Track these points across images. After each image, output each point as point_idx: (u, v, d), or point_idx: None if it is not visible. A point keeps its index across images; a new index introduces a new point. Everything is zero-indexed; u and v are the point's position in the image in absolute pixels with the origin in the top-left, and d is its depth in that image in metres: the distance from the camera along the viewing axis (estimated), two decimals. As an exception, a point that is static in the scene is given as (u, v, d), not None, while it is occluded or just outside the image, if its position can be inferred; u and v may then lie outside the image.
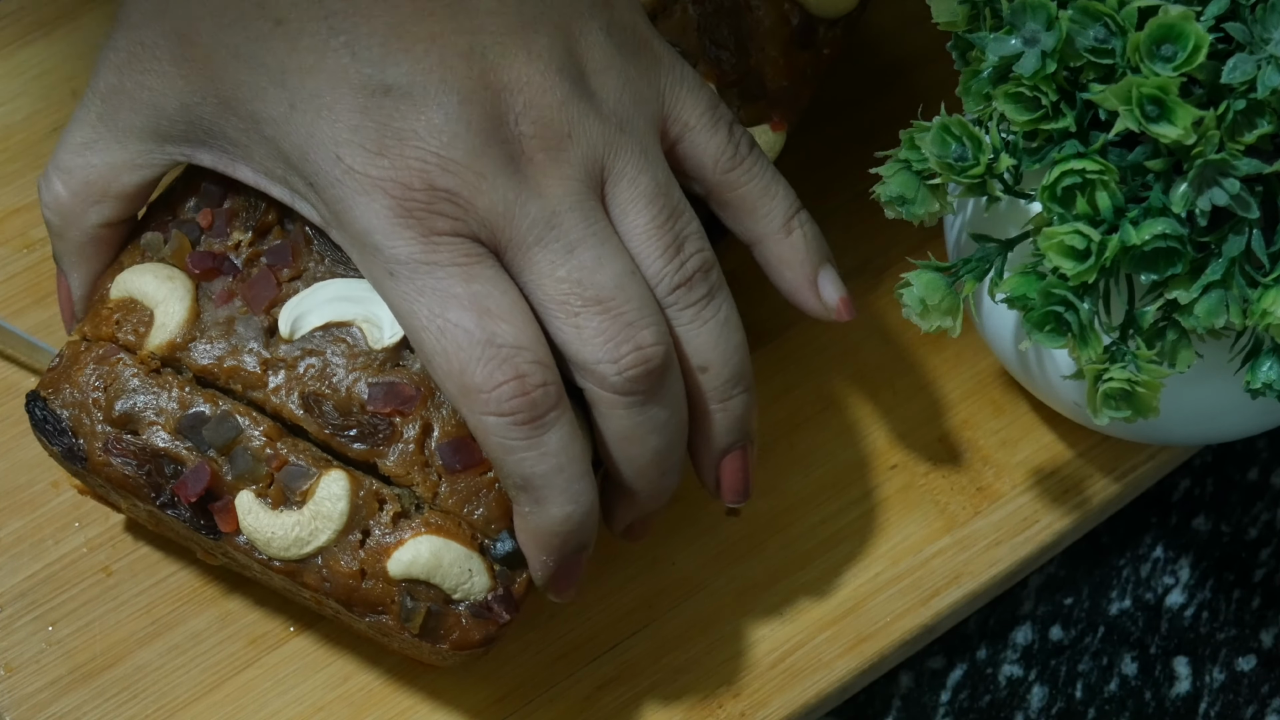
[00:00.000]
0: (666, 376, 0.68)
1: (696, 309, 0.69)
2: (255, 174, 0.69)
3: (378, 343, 0.70)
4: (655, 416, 0.68)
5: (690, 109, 0.71)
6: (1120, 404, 0.66)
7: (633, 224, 0.68)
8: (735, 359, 0.70)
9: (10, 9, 0.85)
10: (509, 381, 0.66)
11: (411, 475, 0.69)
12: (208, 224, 0.71)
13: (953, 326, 0.69)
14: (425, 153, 0.66)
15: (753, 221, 0.72)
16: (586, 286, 0.67)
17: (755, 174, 0.72)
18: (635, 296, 0.67)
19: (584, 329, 0.67)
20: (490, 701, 0.75)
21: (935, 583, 0.77)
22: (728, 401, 0.70)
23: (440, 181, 0.66)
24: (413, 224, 0.66)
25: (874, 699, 0.78)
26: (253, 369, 0.70)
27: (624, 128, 0.69)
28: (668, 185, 0.69)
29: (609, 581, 0.77)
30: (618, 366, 0.67)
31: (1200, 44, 0.63)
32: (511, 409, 0.66)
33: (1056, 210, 0.65)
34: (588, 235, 0.67)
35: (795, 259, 0.72)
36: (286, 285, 0.70)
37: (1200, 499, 0.82)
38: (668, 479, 0.70)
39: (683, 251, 0.69)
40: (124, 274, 0.71)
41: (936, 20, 0.68)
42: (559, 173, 0.67)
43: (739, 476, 0.72)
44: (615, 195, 0.68)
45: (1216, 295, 0.65)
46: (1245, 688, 0.79)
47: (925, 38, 0.80)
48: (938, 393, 0.81)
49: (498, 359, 0.66)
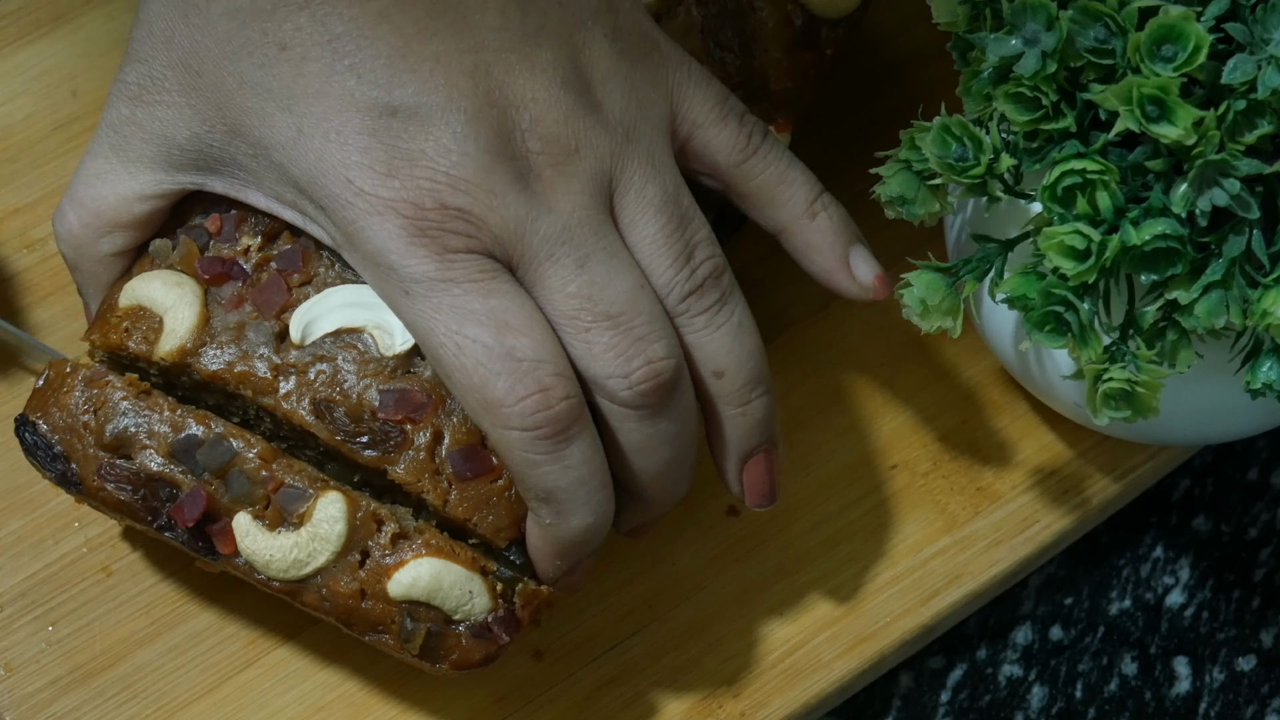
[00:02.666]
0: (677, 389, 0.68)
1: (709, 315, 0.69)
2: (267, 199, 0.69)
3: (389, 349, 0.69)
4: (666, 429, 0.68)
5: (699, 105, 0.71)
6: (1120, 404, 0.66)
7: (642, 234, 0.68)
8: (751, 362, 0.70)
9: (10, 9, 0.85)
10: (532, 395, 0.66)
11: (422, 482, 0.69)
12: (216, 229, 0.71)
13: (953, 327, 0.69)
14: (435, 172, 0.66)
15: (774, 210, 0.72)
16: (597, 302, 0.67)
17: (770, 162, 0.72)
18: (645, 310, 0.67)
19: (595, 344, 0.67)
20: (490, 701, 0.75)
21: (935, 583, 0.77)
22: (747, 405, 0.70)
23: (452, 200, 0.66)
24: (427, 243, 0.66)
25: (874, 699, 0.78)
26: (264, 375, 0.69)
27: (630, 137, 0.69)
28: (676, 192, 0.69)
29: (609, 581, 0.77)
30: (629, 381, 0.67)
31: (1201, 44, 0.63)
32: (535, 423, 0.66)
33: (1057, 210, 0.65)
34: (598, 250, 0.67)
35: (823, 243, 0.72)
36: (297, 290, 0.70)
37: (1200, 499, 0.82)
38: (679, 487, 0.70)
39: (693, 259, 0.69)
40: (132, 281, 0.71)
41: (936, 20, 0.68)
42: (568, 187, 0.67)
43: (764, 480, 0.72)
44: (623, 206, 0.68)
45: (1217, 295, 0.65)
46: (1245, 688, 0.79)
47: (925, 38, 0.80)
48: (938, 393, 0.81)
49: (519, 373, 0.66)
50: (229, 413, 0.72)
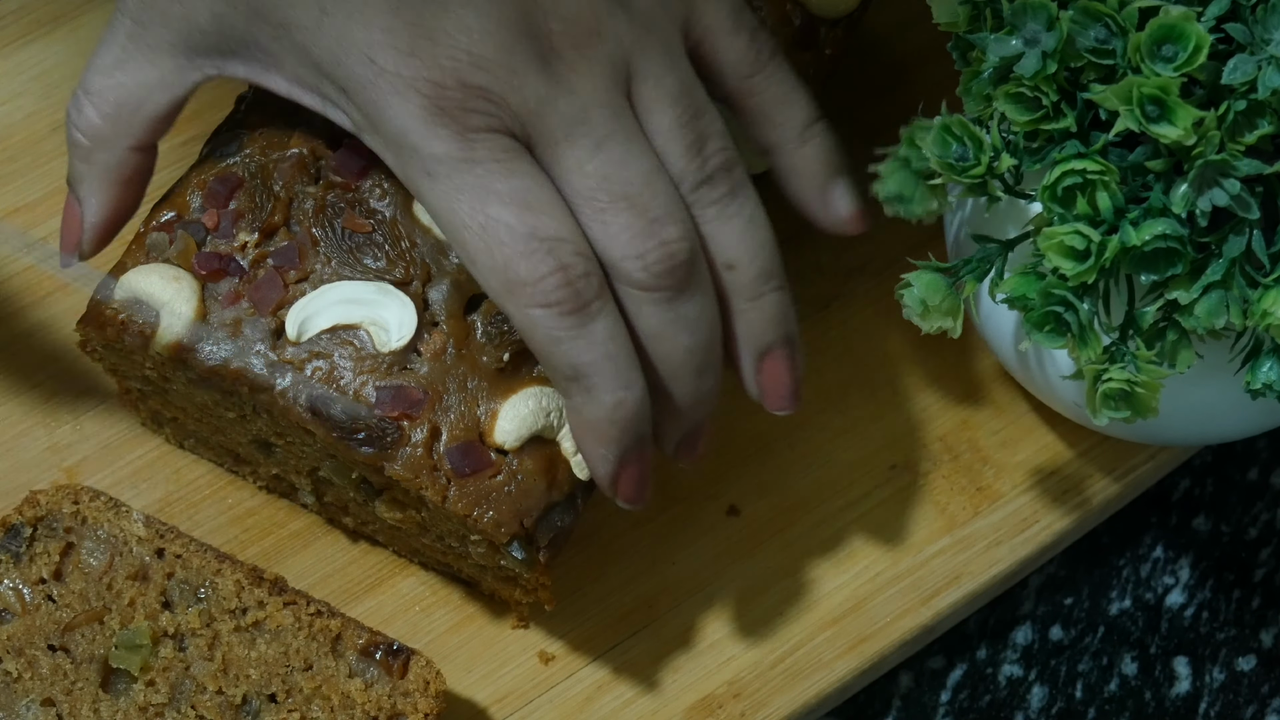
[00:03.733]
0: (693, 272, 0.68)
1: (720, 206, 0.69)
2: (288, 83, 0.69)
3: (384, 346, 0.70)
4: (685, 313, 0.68)
5: (713, 12, 0.71)
6: (1120, 404, 0.66)
7: (658, 123, 0.69)
8: (763, 255, 0.70)
9: (10, 9, 0.85)
10: (553, 273, 0.66)
11: (420, 479, 0.69)
12: (214, 225, 0.71)
13: (953, 327, 0.69)
14: (457, 50, 0.66)
15: (769, 129, 0.72)
16: (614, 182, 0.67)
17: (775, 81, 0.72)
18: (661, 193, 0.67)
19: (611, 225, 0.67)
20: (490, 701, 0.75)
21: (935, 583, 0.77)
22: (759, 300, 0.70)
23: (473, 79, 0.66)
24: (448, 122, 0.66)
25: (874, 699, 0.78)
26: (260, 371, 0.69)
27: (650, 28, 0.69)
28: (691, 85, 0.69)
29: (609, 581, 0.77)
30: (643, 261, 0.67)
31: (1201, 44, 0.63)
32: (558, 299, 0.66)
33: (1057, 210, 0.65)
34: (615, 131, 0.67)
35: (807, 169, 0.72)
36: (293, 287, 0.70)
37: (1200, 499, 0.82)
38: (705, 381, 0.70)
39: (705, 149, 0.69)
40: (129, 274, 0.71)
41: (937, 20, 0.68)
42: (588, 69, 0.67)
43: (781, 379, 0.71)
44: (641, 94, 0.69)
45: (1217, 296, 0.65)
46: (1245, 688, 0.79)
47: (925, 38, 0.80)
48: (938, 393, 0.81)
49: (541, 251, 0.66)
50: (224, 408, 0.72)
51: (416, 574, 0.77)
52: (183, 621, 0.71)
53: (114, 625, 0.71)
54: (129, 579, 0.71)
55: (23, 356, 0.79)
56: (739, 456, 0.79)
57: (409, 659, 0.71)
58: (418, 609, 0.76)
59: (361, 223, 0.71)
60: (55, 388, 0.79)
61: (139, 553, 0.72)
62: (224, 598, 0.71)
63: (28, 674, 0.70)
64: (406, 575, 0.77)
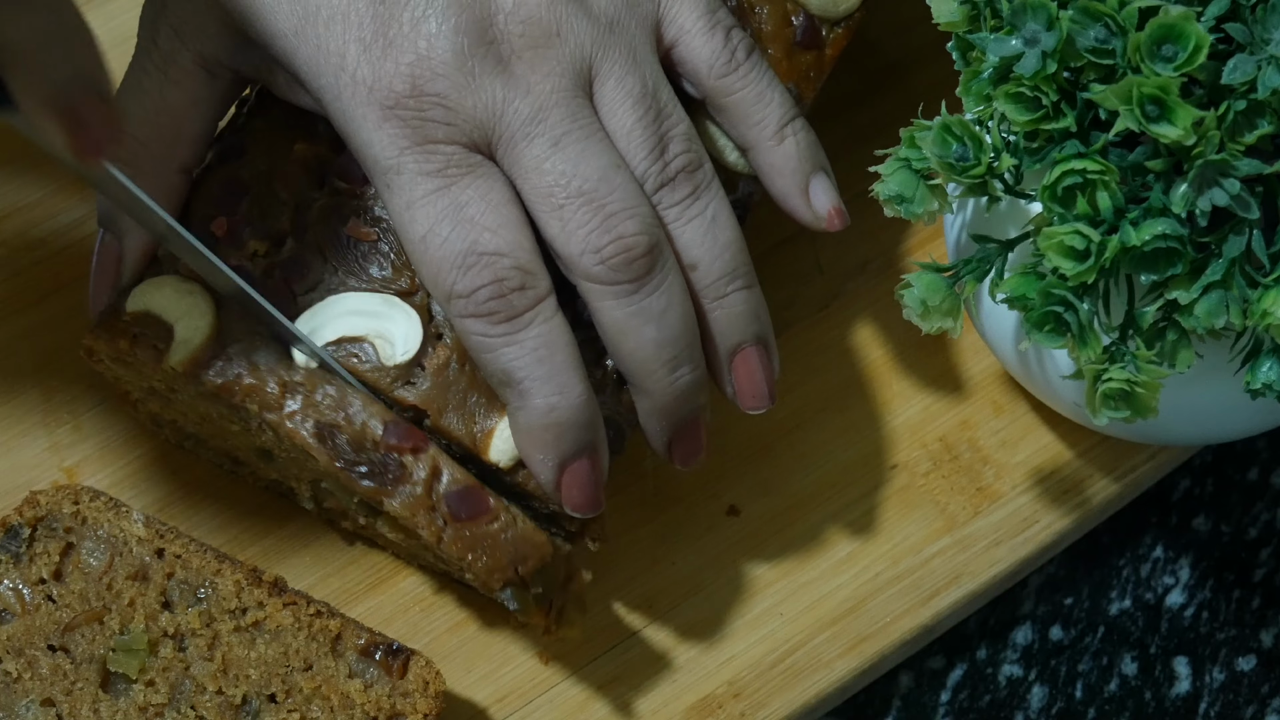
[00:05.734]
0: (655, 265, 0.68)
1: (681, 207, 0.70)
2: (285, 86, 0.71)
3: (390, 360, 0.70)
4: (648, 307, 0.68)
5: (687, 12, 0.71)
6: (1120, 404, 0.66)
7: (619, 123, 0.69)
8: (726, 255, 0.70)
9: (10, 9, 0.85)
10: (487, 286, 0.67)
11: (418, 518, 0.69)
12: (223, 233, 0.71)
13: (953, 327, 0.69)
14: (416, 57, 0.67)
15: (746, 128, 0.72)
16: (570, 179, 0.68)
17: (751, 80, 0.72)
18: (619, 189, 0.68)
19: (568, 221, 0.68)
20: (490, 701, 0.75)
21: (935, 583, 0.77)
22: (723, 299, 0.70)
23: (430, 86, 0.67)
24: (408, 133, 0.67)
25: (874, 699, 0.78)
26: (271, 390, 0.69)
27: (614, 28, 0.69)
28: (656, 86, 0.70)
29: (609, 581, 0.77)
30: (599, 256, 0.68)
31: (1201, 44, 0.63)
32: (489, 310, 0.67)
33: (1056, 210, 0.65)
34: (573, 129, 0.68)
35: (786, 167, 0.73)
36: (301, 298, 0.70)
37: (1200, 499, 0.82)
38: (680, 376, 0.70)
39: (667, 152, 0.69)
40: (141, 287, 0.70)
41: (936, 20, 0.68)
42: (547, 69, 0.68)
43: (753, 378, 0.71)
44: (602, 95, 0.69)
45: (1216, 295, 0.65)
46: (1245, 688, 0.79)
47: (925, 38, 0.80)
48: (938, 393, 0.81)
49: (478, 267, 0.67)
50: (229, 420, 0.72)
51: (416, 574, 0.77)
52: (182, 622, 0.71)
53: (114, 625, 0.71)
54: (129, 579, 0.71)
55: (23, 356, 0.79)
56: (739, 456, 0.79)
57: (409, 659, 0.71)
58: (417, 609, 0.76)
59: (367, 231, 0.71)
60: (55, 388, 0.79)
61: (139, 553, 0.72)
62: (224, 598, 0.71)
63: (27, 674, 0.70)
64: (406, 575, 0.77)
